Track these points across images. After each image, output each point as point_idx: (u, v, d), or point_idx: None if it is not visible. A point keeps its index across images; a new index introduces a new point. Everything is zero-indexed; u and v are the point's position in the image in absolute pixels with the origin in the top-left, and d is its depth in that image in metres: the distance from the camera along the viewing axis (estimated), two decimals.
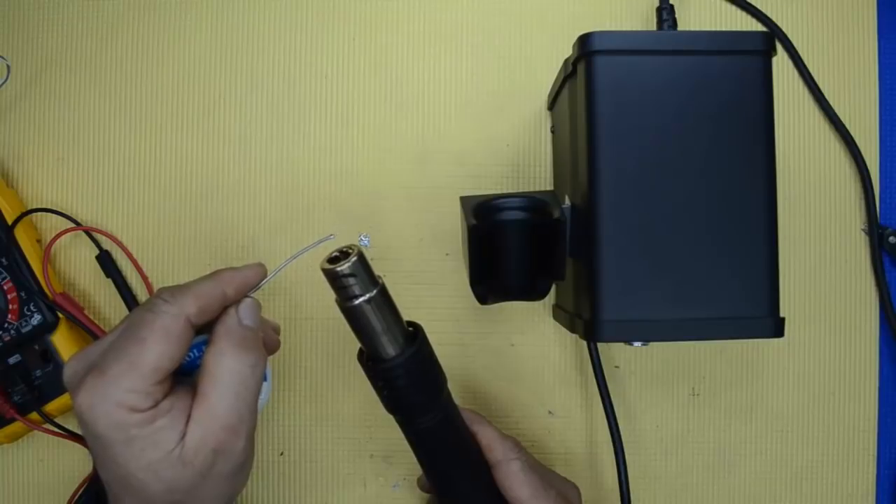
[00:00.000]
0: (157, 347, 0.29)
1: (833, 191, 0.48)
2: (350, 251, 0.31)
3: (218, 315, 0.33)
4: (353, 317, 0.32)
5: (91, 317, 0.45)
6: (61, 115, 0.48)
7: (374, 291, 0.31)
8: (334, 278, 0.31)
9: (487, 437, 0.37)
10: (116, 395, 0.29)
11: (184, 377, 0.33)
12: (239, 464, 0.31)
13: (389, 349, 0.32)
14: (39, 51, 0.48)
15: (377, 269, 0.46)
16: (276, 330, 0.38)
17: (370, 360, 0.33)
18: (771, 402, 0.47)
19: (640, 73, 0.35)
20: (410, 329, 0.34)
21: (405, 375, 0.32)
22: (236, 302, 0.33)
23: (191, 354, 0.33)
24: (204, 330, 0.33)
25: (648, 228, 0.34)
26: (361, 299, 0.31)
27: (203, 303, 0.31)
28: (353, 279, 0.30)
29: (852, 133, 0.47)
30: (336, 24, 0.48)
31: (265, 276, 0.34)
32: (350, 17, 0.48)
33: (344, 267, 0.30)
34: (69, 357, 0.32)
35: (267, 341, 0.35)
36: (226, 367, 0.31)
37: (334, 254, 0.31)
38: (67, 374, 0.31)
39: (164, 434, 0.29)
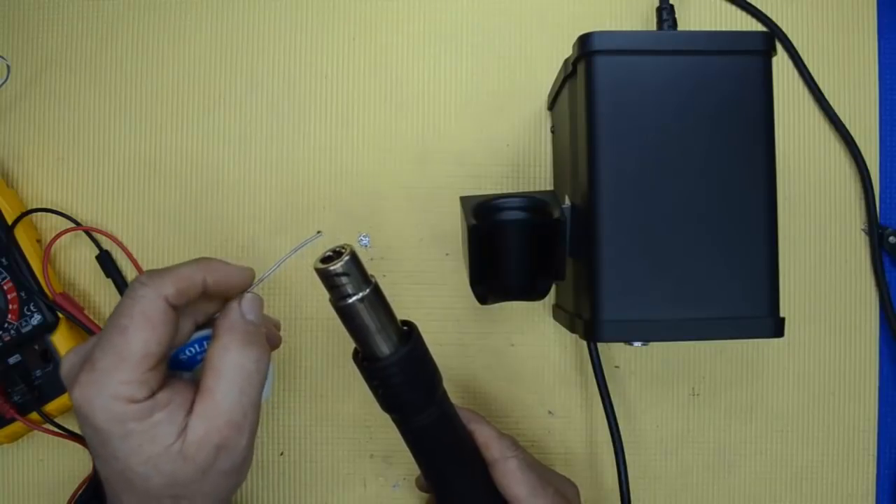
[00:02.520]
0: (141, 334, 0.29)
1: (833, 191, 0.48)
2: (343, 250, 0.31)
3: (208, 306, 0.33)
4: (347, 316, 0.32)
5: (91, 317, 0.45)
6: (61, 115, 0.48)
7: (368, 290, 0.31)
8: (327, 277, 0.31)
9: (484, 436, 0.37)
10: (111, 387, 0.28)
11: (185, 372, 0.33)
12: (240, 460, 0.31)
13: (384, 348, 0.32)
14: (39, 51, 0.48)
15: (377, 270, 0.47)
16: (277, 326, 0.38)
17: (365, 359, 0.33)
18: (771, 402, 0.47)
19: (640, 73, 0.35)
20: (405, 328, 0.34)
21: (400, 374, 0.32)
22: (238, 297, 0.33)
23: (192, 350, 0.33)
24: (206, 325, 0.33)
25: (648, 228, 0.34)
26: (355, 298, 0.31)
27: (181, 285, 0.30)
28: (345, 278, 0.31)
29: (852, 133, 0.47)
30: (336, 24, 0.48)
31: (250, 283, 0.34)
32: (350, 17, 0.48)
33: (337, 266, 0.30)
34: (65, 354, 0.32)
35: (268, 337, 0.35)
36: (230, 362, 0.31)
37: (327, 253, 0.31)
38: (64, 369, 0.31)
39: (162, 429, 0.29)
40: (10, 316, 0.43)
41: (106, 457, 0.29)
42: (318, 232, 0.33)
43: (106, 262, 0.46)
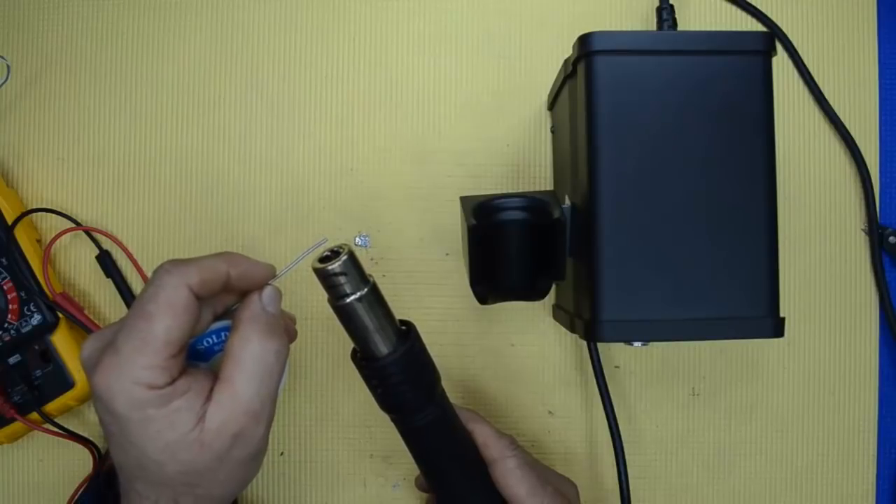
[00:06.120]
0: (165, 321, 0.29)
1: (833, 191, 0.48)
2: (341, 250, 0.31)
3: (227, 298, 0.33)
4: (345, 315, 0.32)
5: (91, 317, 0.45)
6: (61, 115, 0.48)
7: (366, 290, 0.31)
8: (325, 277, 0.31)
9: (483, 435, 0.37)
10: (133, 372, 0.29)
11: (201, 363, 0.33)
12: (256, 451, 0.31)
13: (382, 347, 0.32)
14: (39, 51, 0.48)
15: (377, 270, 0.47)
16: (293, 320, 0.38)
17: (363, 358, 0.33)
18: (771, 402, 0.47)
19: (640, 73, 0.35)
20: (403, 327, 0.34)
21: (398, 373, 0.32)
22: (259, 289, 0.33)
23: (210, 340, 0.33)
24: (225, 316, 0.33)
25: (648, 228, 0.34)
26: (353, 297, 0.31)
27: (206, 275, 0.31)
28: (343, 278, 0.31)
29: (852, 133, 0.47)
30: (336, 24, 0.48)
31: (270, 278, 0.34)
32: (350, 17, 0.48)
33: (335, 266, 0.30)
34: (85, 339, 0.32)
35: (286, 330, 0.35)
36: (251, 352, 0.31)
37: (325, 253, 0.31)
38: (84, 354, 0.31)
39: (181, 415, 0.29)
40: (10, 316, 0.43)
41: (123, 443, 0.30)
42: (324, 238, 0.34)
43: (106, 262, 0.46)
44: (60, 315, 0.44)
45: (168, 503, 0.30)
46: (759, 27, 0.48)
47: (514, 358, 0.47)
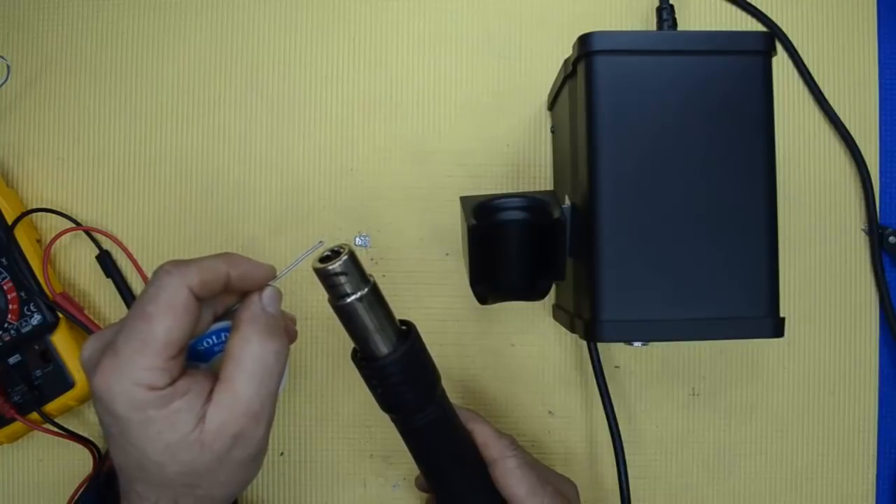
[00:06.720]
0: (165, 322, 0.29)
1: (833, 191, 0.48)
2: (341, 250, 0.31)
3: (227, 298, 0.33)
4: (346, 315, 0.32)
5: (91, 317, 0.45)
6: (61, 115, 0.48)
7: (366, 290, 0.31)
8: (326, 277, 0.31)
9: (483, 435, 0.37)
10: (133, 374, 0.29)
11: (201, 363, 0.33)
12: (256, 451, 0.31)
13: (382, 347, 0.32)
14: (39, 51, 0.48)
15: (377, 270, 0.47)
16: (293, 321, 0.38)
17: (363, 358, 0.33)
18: (771, 402, 0.47)
19: (640, 73, 0.35)
20: (403, 327, 0.34)
21: (398, 373, 0.32)
22: (259, 290, 0.33)
23: (209, 341, 0.33)
24: (225, 316, 0.33)
25: (648, 228, 0.34)
26: (353, 297, 0.31)
27: (206, 276, 0.31)
28: (343, 277, 0.31)
29: (852, 133, 0.47)
30: (336, 24, 0.48)
31: (270, 279, 0.34)
32: (350, 17, 0.48)
33: (335, 266, 0.30)
34: (86, 340, 0.32)
35: (286, 331, 0.35)
36: (251, 353, 0.31)
37: (326, 253, 0.31)
38: (84, 356, 0.31)
39: (181, 416, 0.29)
40: (10, 316, 0.43)
41: (123, 444, 0.30)
42: (321, 241, 0.34)
43: (106, 262, 0.46)
44: (60, 315, 0.44)
45: None
46: (759, 27, 0.48)
47: (514, 358, 0.47)
